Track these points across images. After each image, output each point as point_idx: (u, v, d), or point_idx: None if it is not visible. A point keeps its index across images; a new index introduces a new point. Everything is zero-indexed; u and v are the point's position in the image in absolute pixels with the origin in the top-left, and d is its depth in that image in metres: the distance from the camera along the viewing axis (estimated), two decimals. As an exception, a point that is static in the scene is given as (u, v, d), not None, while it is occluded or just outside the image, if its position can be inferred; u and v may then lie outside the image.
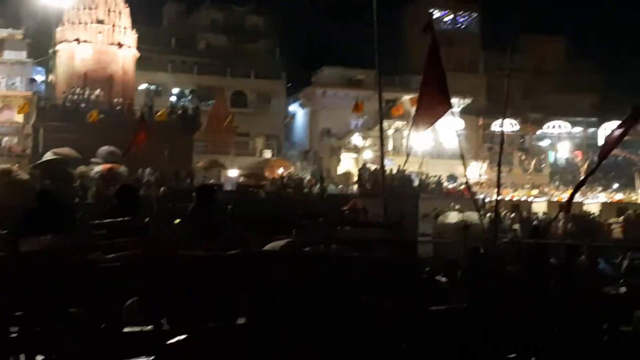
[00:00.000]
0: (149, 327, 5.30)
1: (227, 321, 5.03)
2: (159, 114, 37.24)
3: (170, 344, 2.82)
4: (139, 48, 41.03)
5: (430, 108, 7.22)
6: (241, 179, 37.25)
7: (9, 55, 45.65)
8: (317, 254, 5.67)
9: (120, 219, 5.93)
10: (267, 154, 47.49)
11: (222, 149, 42.70)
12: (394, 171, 36.65)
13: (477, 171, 45.89)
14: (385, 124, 47.97)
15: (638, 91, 43.63)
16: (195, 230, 6.49)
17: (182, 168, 32.68)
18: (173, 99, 46.81)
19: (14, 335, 5.01)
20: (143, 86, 45.29)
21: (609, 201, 44.41)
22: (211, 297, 5.12)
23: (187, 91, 48.00)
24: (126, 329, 5.32)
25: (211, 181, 32.17)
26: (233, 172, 39.03)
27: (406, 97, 46.45)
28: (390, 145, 47.97)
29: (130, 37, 39.94)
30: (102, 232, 5.95)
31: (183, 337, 2.93)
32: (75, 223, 6.50)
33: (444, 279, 8.87)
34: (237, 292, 5.27)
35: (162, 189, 28.06)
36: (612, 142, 5.78)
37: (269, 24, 54.36)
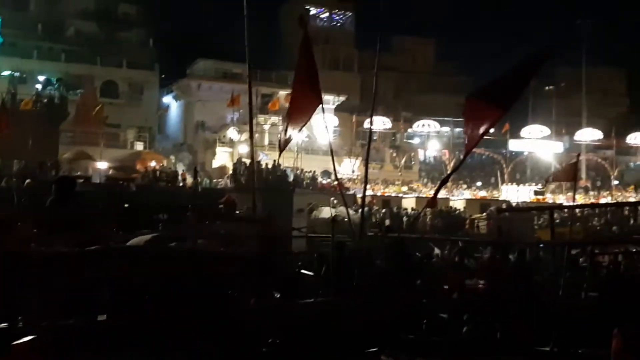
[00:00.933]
0: (3, 325, 5.02)
1: (86, 318, 4.86)
2: (23, 102, 35.54)
3: (16, 344, 2.67)
4: (2, 33, 38.93)
5: (303, 105, 7.23)
6: (111, 172, 36.13)
7: None
8: (180, 249, 5.57)
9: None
10: (139, 146, 46.22)
11: (91, 140, 41.17)
12: (269, 166, 36.76)
13: (350, 167, 46.78)
14: (261, 118, 48.17)
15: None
16: (54, 224, 6.20)
17: (47, 159, 31.26)
18: (39, 87, 44.73)
19: None
20: (6, 73, 42.95)
21: (473, 198, 46.51)
22: (69, 295, 4.92)
23: (54, 79, 45.96)
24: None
25: (78, 173, 31.04)
26: (102, 164, 37.75)
27: (282, 93, 46.71)
28: (266, 140, 48.07)
29: (-7, 21, 37.81)
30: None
31: (30, 337, 2.78)
32: None
33: (310, 273, 8.96)
34: (99, 290, 5.09)
35: (26, 181, 26.79)
36: (475, 139, 5.99)
37: (142, 13, 52.86)
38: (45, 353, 3.09)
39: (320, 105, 7.24)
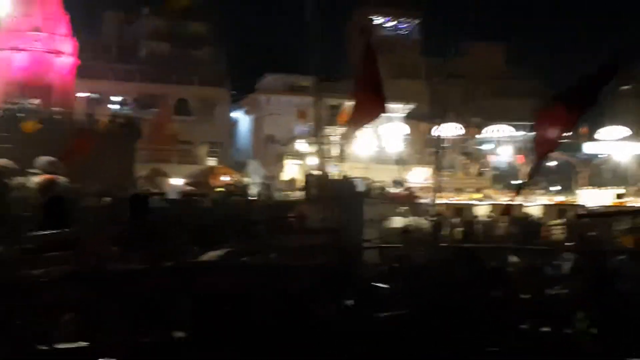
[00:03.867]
0: (84, 344, 5.13)
1: (164, 335, 4.92)
2: (100, 123, 36.62)
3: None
4: (79, 56, 40.28)
5: (364, 110, 7.19)
6: (185, 187, 36.77)
7: None
8: (253, 264, 5.58)
9: (52, 231, 5.75)
10: (212, 161, 47.03)
11: (165, 157, 42.14)
12: (339, 177, 36.73)
13: (422, 176, 46.32)
14: (330, 130, 48.25)
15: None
16: (130, 240, 6.32)
17: (124, 177, 32.07)
18: (115, 107, 46.03)
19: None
20: (84, 95, 44.39)
21: (549, 203, 45.33)
22: (146, 310, 4.99)
23: (129, 99, 47.24)
24: (60, 345, 5.15)
25: (153, 190, 31.70)
26: (176, 180, 38.51)
27: (350, 103, 46.65)
28: (335, 151, 48.12)
29: (69, 45, 39.15)
30: (32, 245, 5.76)
31: (114, 354, 2.82)
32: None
33: (384, 286, 8.87)
34: (175, 305, 5.15)
35: (104, 199, 27.49)
36: (547, 143, 5.84)
37: (212, 32, 53.94)
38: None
39: (388, 114, 7.18)
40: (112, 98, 46.78)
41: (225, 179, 40.70)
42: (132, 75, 48.58)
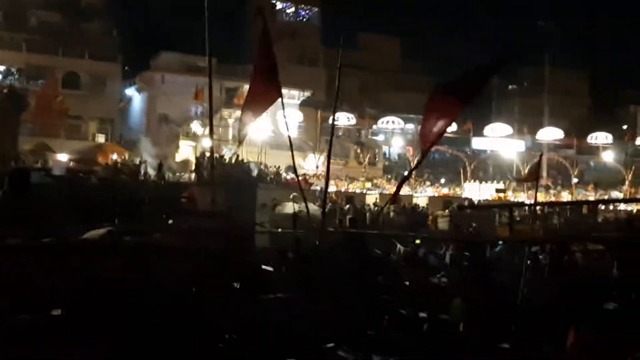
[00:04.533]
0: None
1: (39, 313, 4.75)
2: (-18, 92, 34.84)
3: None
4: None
5: (260, 96, 7.16)
6: (71, 164, 35.58)
7: None
8: (135, 244, 5.47)
9: None
10: (101, 138, 45.67)
11: (52, 131, 40.60)
12: (233, 160, 36.58)
13: (314, 163, 46.74)
14: (226, 112, 47.84)
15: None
16: (8, 215, 6.07)
17: (7, 151, 30.68)
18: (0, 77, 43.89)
19: None
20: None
21: (436, 195, 46.83)
22: (22, 288, 4.80)
23: (14, 69, 45.09)
24: None
25: (37, 165, 30.55)
26: (63, 156, 37.19)
27: (247, 86, 46.41)
28: (230, 134, 47.80)
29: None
30: None
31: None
32: None
33: (271, 269, 8.92)
34: (51, 284, 4.98)
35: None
36: (430, 134, 6.00)
37: (105, 4, 52.15)
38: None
39: (281, 100, 7.18)
40: (-2, 67, 44.55)
41: (114, 157, 39.69)
42: (19, 45, 46.32)
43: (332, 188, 38.20)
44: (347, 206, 36.81)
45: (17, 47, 46.03)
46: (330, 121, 50.79)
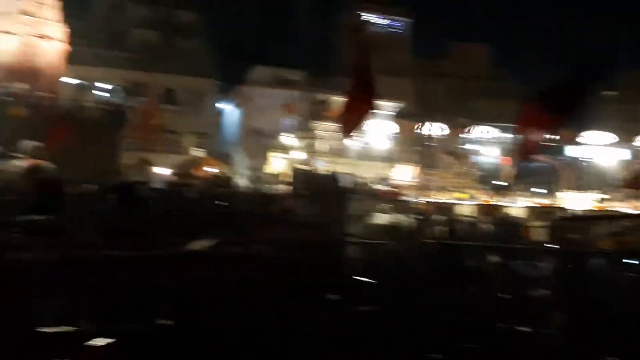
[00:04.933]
0: (69, 328, 5.19)
1: (147, 323, 4.98)
2: (86, 109, 36.49)
3: (89, 345, 2.78)
4: (67, 41, 40.07)
5: (357, 109, 7.28)
6: (170, 177, 36.74)
7: None
8: (242, 254, 5.65)
9: (39, 217, 5.80)
10: (197, 152, 47.02)
11: (151, 146, 42.09)
12: (325, 172, 36.86)
13: (407, 174, 46.52)
14: (317, 124, 48.34)
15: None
16: (115, 229, 6.37)
17: (109, 165, 32.01)
18: (102, 94, 45.84)
19: None
20: (71, 80, 44.17)
21: (530, 204, 45.67)
22: (132, 298, 5.05)
23: (116, 87, 47.05)
24: (44, 329, 5.20)
25: (138, 179, 31.69)
26: (162, 170, 38.49)
27: (338, 99, 46.76)
28: (321, 146, 48.21)
29: (59, 30, 38.96)
30: (21, 230, 5.81)
31: (102, 339, 2.89)
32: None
33: (369, 280, 8.98)
34: (160, 293, 5.21)
35: (88, 186, 27.42)
36: (529, 144, 5.94)
37: (202, 22, 53.84)
38: (115, 355, 3.21)
39: (376, 112, 7.26)
40: (100, 85, 46.53)
41: (211, 169, 40.70)
42: (120, 63, 48.33)
43: (423, 198, 37.88)
44: (440, 217, 36.41)
45: (119, 66, 48.04)
46: (421, 131, 50.60)
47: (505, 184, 32.81)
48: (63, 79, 42.25)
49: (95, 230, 6.11)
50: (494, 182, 50.86)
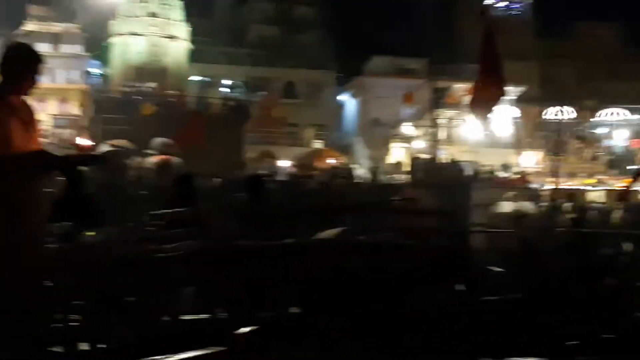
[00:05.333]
0: (206, 316, 5.41)
1: (280, 311, 5.11)
2: (211, 105, 37.73)
3: (239, 333, 2.90)
4: (191, 40, 41.58)
5: (486, 96, 7.14)
6: (292, 169, 37.42)
7: (65, 49, 46.68)
8: (371, 242, 5.69)
9: (178, 209, 6.06)
10: (318, 144, 47.61)
11: (273, 139, 43.02)
12: (446, 160, 36.44)
13: (531, 160, 45.21)
14: (437, 113, 47.75)
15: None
16: (246, 220, 6.57)
17: (234, 159, 32.98)
18: (225, 90, 47.26)
19: (74, 323, 5.15)
20: (196, 78, 45.82)
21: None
22: (264, 286, 5.20)
23: (238, 83, 48.39)
24: (183, 317, 5.44)
25: (262, 171, 32.46)
26: (284, 163, 39.27)
27: (459, 86, 46.02)
28: (442, 135, 47.59)
29: (183, 30, 40.50)
30: (161, 222, 6.11)
31: (250, 327, 3.01)
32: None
33: (497, 269, 8.82)
34: (290, 282, 5.34)
35: (215, 179, 28.32)
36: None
37: (318, 15, 54.38)
38: (262, 343, 3.34)
39: (504, 97, 7.12)
40: (223, 81, 48.00)
41: (331, 161, 41.12)
42: (242, 59, 49.64)
43: (550, 185, 36.66)
44: (568, 204, 35.16)
45: (240, 62, 49.36)
46: (546, 116, 48.93)
47: (638, 168, 31.20)
48: (189, 77, 43.91)
49: (228, 221, 6.32)
50: (626, 166, 48.51)
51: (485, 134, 43.65)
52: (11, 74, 3.93)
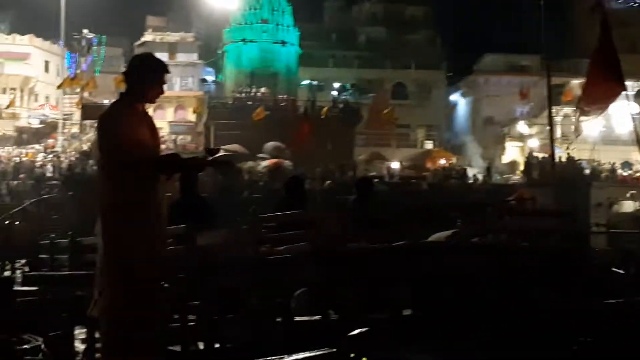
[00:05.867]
0: (317, 317, 5.44)
1: (393, 313, 5.07)
2: (321, 109, 38.10)
3: (353, 335, 2.90)
4: (301, 45, 42.17)
5: (600, 92, 6.82)
6: (403, 171, 37.25)
7: (181, 57, 48.55)
8: (484, 245, 5.55)
9: (289, 212, 6.13)
10: (428, 144, 47.15)
11: (383, 141, 42.93)
12: (563, 159, 35.20)
13: (656, 157, 42.98)
14: (553, 110, 46.18)
15: None
16: (357, 222, 6.56)
17: (344, 161, 33.19)
18: (334, 93, 47.64)
19: (192, 323, 5.30)
20: (306, 82, 46.42)
21: None
22: (376, 288, 5.18)
23: (348, 85, 48.64)
24: (296, 318, 5.49)
25: (372, 174, 32.48)
26: (394, 164, 39.13)
27: (575, 82, 44.36)
28: (558, 133, 46.01)
29: (294, 35, 41.16)
30: (273, 225, 6.20)
31: (361, 329, 3.00)
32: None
33: (620, 271, 8.41)
34: (402, 284, 5.29)
35: (326, 182, 28.64)
36: None
37: (428, 14, 53.90)
38: (374, 345, 3.33)
39: (623, 93, 6.79)
40: (333, 84, 48.39)
41: (443, 162, 40.64)
42: (350, 61, 49.88)
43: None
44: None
45: (350, 64, 49.63)
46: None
47: None
48: (299, 81, 44.54)
49: (339, 223, 6.33)
50: None
51: (604, 131, 41.89)
52: (139, 83, 4.13)
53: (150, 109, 4.53)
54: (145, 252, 3.95)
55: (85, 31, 48.93)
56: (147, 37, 50.55)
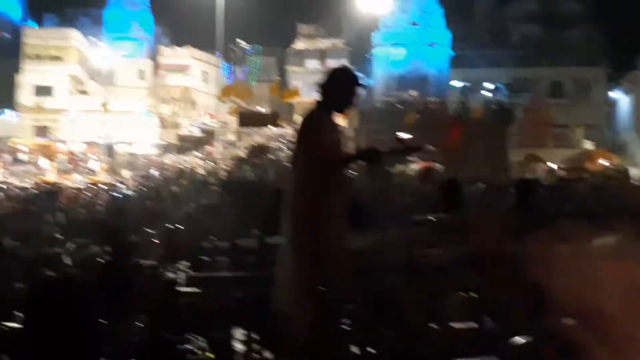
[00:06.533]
0: (474, 324, 5.29)
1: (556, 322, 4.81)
2: (473, 110, 37.42)
3: (511, 343, 2.78)
4: (452, 46, 41.61)
5: None
6: (560, 172, 35.79)
7: (331, 63, 49.27)
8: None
9: (444, 215, 6.04)
10: (588, 145, 45.07)
11: (539, 142, 41.52)
12: None
13: None
14: None
15: None
16: (515, 226, 6.34)
17: (498, 163, 32.37)
18: (487, 94, 46.59)
19: (346, 327, 5.32)
20: (458, 84, 45.75)
21: None
22: (537, 295, 4.94)
23: (501, 85, 47.42)
24: (452, 324, 5.37)
25: (528, 175, 31.46)
26: (552, 166, 37.72)
27: None
28: None
29: (444, 36, 40.70)
30: (426, 228, 6.12)
31: (524, 337, 2.87)
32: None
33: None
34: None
35: (480, 184, 27.99)
36: None
37: (586, 8, 51.47)
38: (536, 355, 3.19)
39: None
40: (485, 85, 47.34)
41: (604, 162, 38.71)
42: (503, 61, 48.56)
43: None
44: None
45: (503, 64, 48.31)
46: None
47: None
48: (450, 83, 43.98)
49: (495, 226, 6.14)
50: None
51: None
52: (334, 94, 4.61)
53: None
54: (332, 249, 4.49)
55: (240, 41, 50.95)
56: (299, 44, 51.84)
